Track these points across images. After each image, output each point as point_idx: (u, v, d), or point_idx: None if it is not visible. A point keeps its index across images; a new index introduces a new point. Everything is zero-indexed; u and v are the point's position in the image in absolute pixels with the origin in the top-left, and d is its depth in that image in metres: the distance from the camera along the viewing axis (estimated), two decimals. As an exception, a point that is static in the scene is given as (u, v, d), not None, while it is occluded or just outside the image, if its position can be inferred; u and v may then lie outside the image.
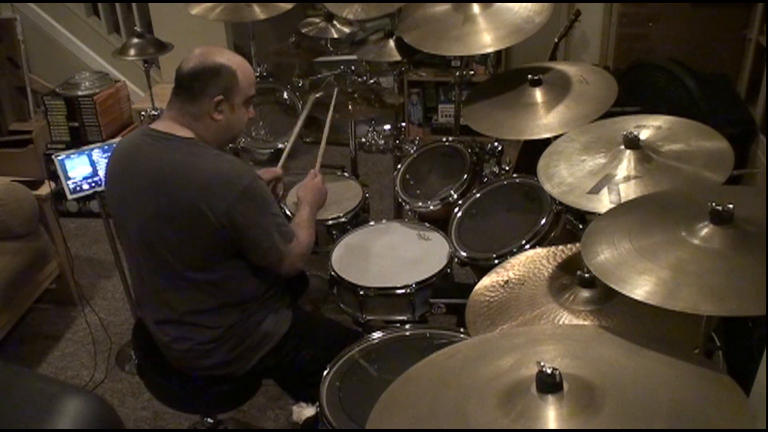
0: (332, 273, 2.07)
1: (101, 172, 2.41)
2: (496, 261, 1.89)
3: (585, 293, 1.40)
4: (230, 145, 2.76)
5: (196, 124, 1.76)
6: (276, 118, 3.02)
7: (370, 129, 2.78)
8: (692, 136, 1.61)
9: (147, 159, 1.75)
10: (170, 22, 3.91)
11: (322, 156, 2.20)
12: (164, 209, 1.71)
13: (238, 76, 1.75)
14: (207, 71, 1.72)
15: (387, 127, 2.78)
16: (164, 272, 1.77)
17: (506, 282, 1.57)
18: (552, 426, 0.96)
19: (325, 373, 1.67)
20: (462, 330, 1.72)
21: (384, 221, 2.36)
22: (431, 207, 2.29)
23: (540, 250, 1.66)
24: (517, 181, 2.21)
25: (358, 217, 2.40)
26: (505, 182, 2.24)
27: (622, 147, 1.57)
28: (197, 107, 1.74)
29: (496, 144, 2.39)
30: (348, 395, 1.60)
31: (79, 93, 3.66)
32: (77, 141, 3.65)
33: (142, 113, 3.01)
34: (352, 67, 3.13)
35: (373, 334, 1.79)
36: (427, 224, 2.26)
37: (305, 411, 2.27)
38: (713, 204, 1.15)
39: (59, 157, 2.36)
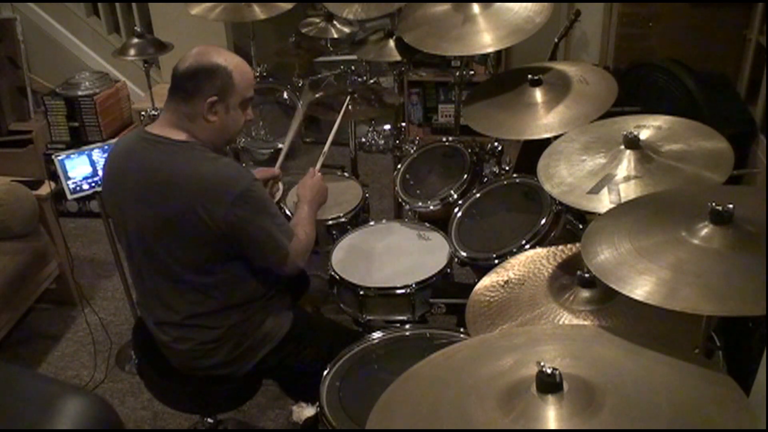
0: (332, 273, 2.07)
1: (101, 172, 2.41)
2: (496, 261, 1.89)
3: (585, 293, 1.40)
4: (230, 145, 2.76)
5: (191, 125, 1.73)
6: (276, 118, 3.02)
7: (370, 129, 2.79)
8: (692, 136, 1.61)
9: (142, 163, 1.74)
10: (170, 22, 3.91)
11: (324, 157, 2.19)
12: (162, 214, 1.70)
13: (234, 78, 1.72)
14: (202, 71, 1.69)
15: (387, 127, 2.79)
16: (164, 275, 1.77)
17: (506, 282, 1.57)
18: (552, 426, 0.96)
19: (325, 373, 1.67)
20: (462, 330, 1.72)
21: (384, 221, 2.35)
22: (431, 207, 2.29)
23: (540, 250, 1.66)
24: (517, 181, 2.21)
25: (358, 217, 2.40)
26: (505, 182, 2.24)
27: (622, 147, 1.57)
28: (191, 107, 1.71)
29: (496, 144, 2.39)
30: (348, 395, 1.60)
31: (79, 93, 3.67)
32: (77, 141, 3.66)
33: (142, 113, 3.01)
34: (352, 67, 3.13)
35: (373, 334, 1.79)
36: (427, 224, 2.26)
37: (305, 411, 2.27)
38: (713, 204, 1.15)
39: (59, 157, 2.36)
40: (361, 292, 1.98)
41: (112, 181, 1.83)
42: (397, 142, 2.73)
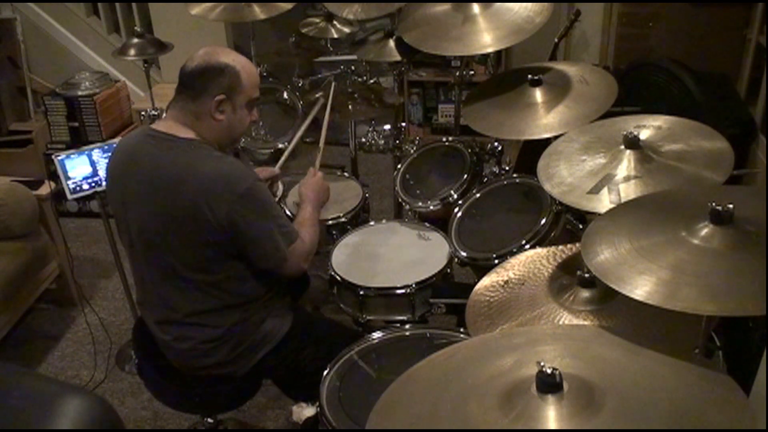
0: (332, 273, 2.07)
1: (101, 172, 2.41)
2: (496, 261, 1.89)
3: (585, 293, 1.40)
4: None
5: (198, 123, 1.75)
6: (276, 118, 3.01)
7: (370, 129, 2.78)
8: (692, 136, 1.61)
9: (148, 160, 1.75)
10: (170, 22, 3.91)
11: (321, 155, 2.19)
12: (165, 211, 1.71)
13: (242, 77, 1.75)
14: (210, 70, 1.72)
15: (387, 127, 2.78)
16: (165, 273, 1.77)
17: (506, 282, 1.57)
18: (552, 426, 0.96)
19: (325, 373, 1.67)
20: (462, 330, 1.72)
21: (384, 221, 2.35)
22: (431, 207, 2.29)
23: (540, 250, 1.66)
24: (517, 181, 2.21)
25: (358, 217, 2.40)
26: (505, 182, 2.24)
27: (622, 147, 1.57)
28: (199, 106, 1.74)
29: (496, 144, 2.39)
30: (348, 395, 1.60)
31: (79, 93, 3.67)
32: (77, 141, 3.66)
33: (142, 113, 3.01)
34: (352, 67, 3.13)
35: (373, 334, 1.79)
36: (427, 224, 2.26)
37: (305, 411, 2.27)
38: (713, 204, 1.15)
39: (59, 157, 2.36)
40: (361, 292, 1.98)
41: (116, 178, 1.84)
42: (397, 142, 2.73)
